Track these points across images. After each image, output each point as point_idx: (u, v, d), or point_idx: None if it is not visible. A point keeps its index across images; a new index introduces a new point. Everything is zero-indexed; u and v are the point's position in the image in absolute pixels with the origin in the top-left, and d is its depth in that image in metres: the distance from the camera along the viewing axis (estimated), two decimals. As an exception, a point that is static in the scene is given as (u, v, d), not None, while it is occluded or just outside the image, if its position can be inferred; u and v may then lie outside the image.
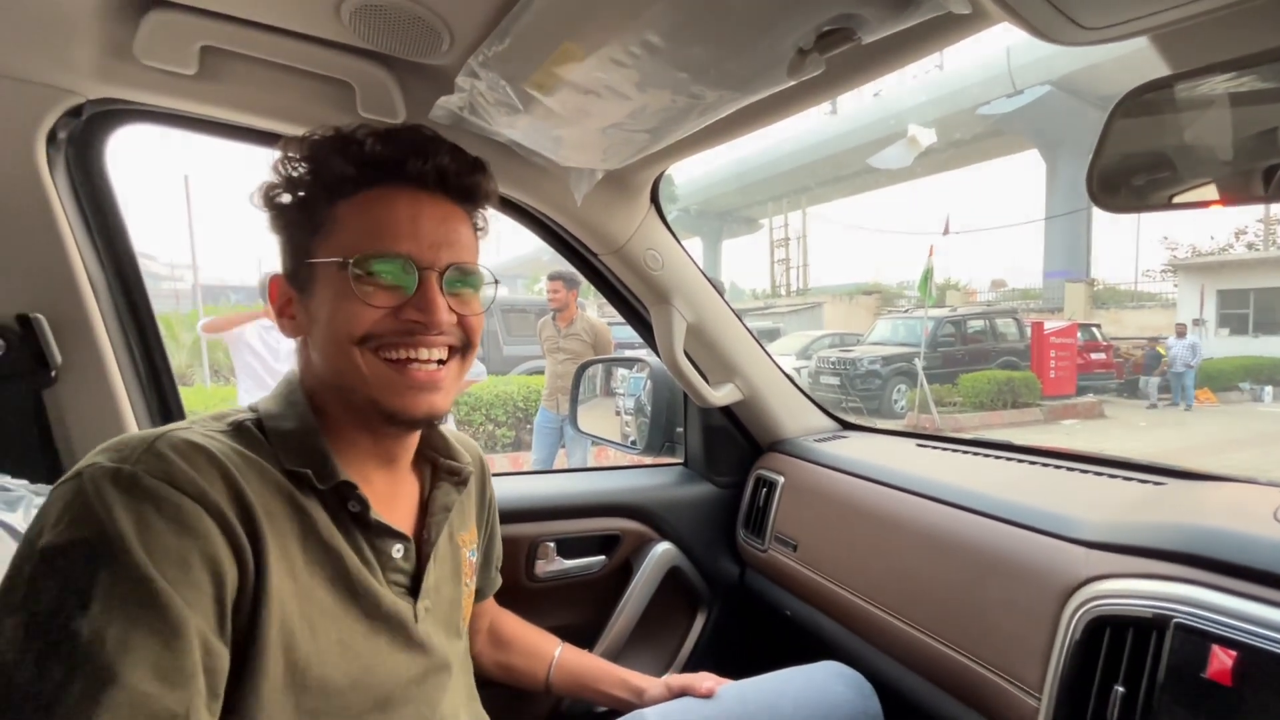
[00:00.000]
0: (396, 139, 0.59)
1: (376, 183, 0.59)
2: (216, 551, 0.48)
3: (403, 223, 0.58)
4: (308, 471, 0.56)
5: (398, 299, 0.58)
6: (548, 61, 0.69)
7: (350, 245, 0.57)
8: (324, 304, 0.58)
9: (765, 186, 23.42)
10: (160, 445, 0.50)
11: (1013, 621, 0.76)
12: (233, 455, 0.53)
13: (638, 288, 1.22)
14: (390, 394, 0.58)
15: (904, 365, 10.21)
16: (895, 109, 18.43)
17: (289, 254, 0.61)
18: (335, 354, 0.58)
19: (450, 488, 0.71)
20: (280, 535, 0.53)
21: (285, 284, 0.62)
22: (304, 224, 0.60)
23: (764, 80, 0.62)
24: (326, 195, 0.59)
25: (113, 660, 0.42)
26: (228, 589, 0.49)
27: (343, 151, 0.58)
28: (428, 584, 0.65)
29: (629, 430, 2.37)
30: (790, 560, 1.18)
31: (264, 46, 0.75)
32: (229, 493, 0.50)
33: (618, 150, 0.90)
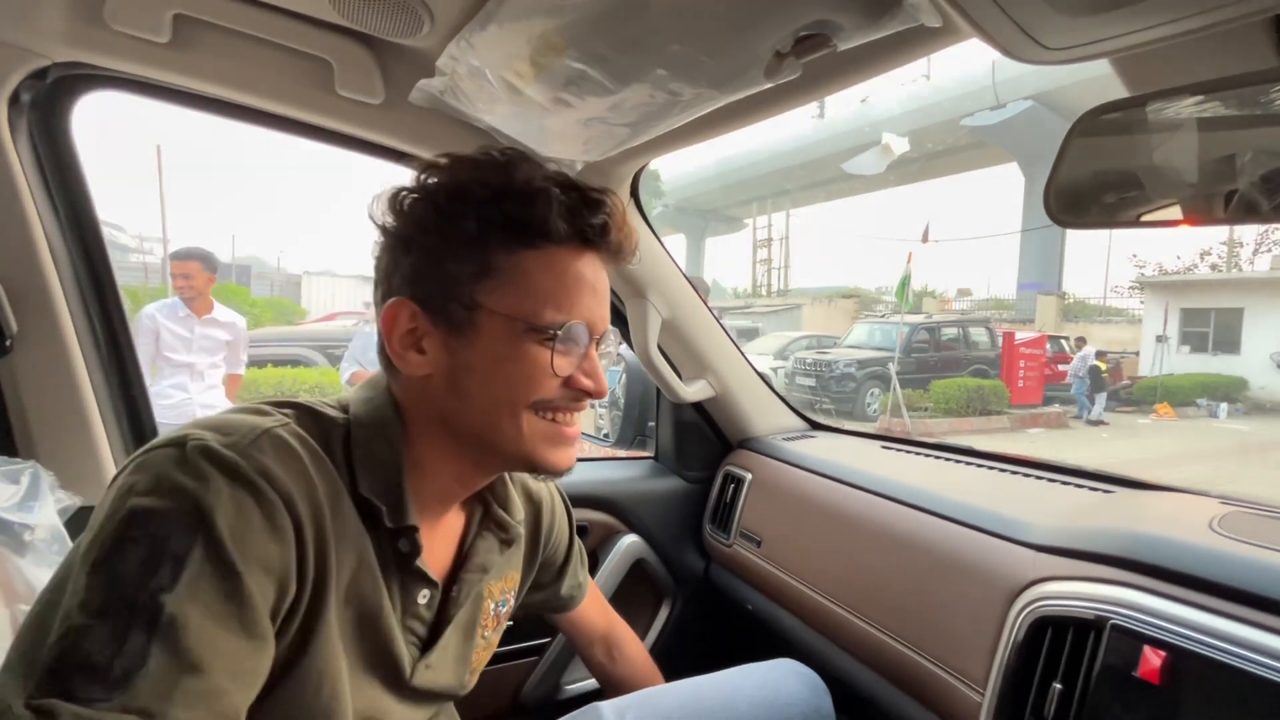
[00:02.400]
0: (602, 205, 0.57)
1: (569, 243, 0.56)
2: (289, 562, 0.47)
3: (587, 290, 0.56)
4: (381, 507, 0.54)
5: (574, 366, 0.57)
6: (529, 50, 0.69)
7: (536, 304, 0.54)
8: (489, 356, 0.54)
9: (751, 186, 23.54)
10: (264, 439, 0.48)
11: (962, 619, 0.79)
12: (318, 466, 0.51)
13: (614, 281, 1.22)
14: (547, 451, 0.57)
15: (878, 369, 10.37)
16: (881, 116, 18.66)
17: (436, 286, 0.54)
18: (498, 413, 0.55)
19: (494, 544, 0.67)
20: (341, 565, 0.52)
21: (419, 314, 0.55)
22: (468, 260, 0.54)
23: (741, 81, 0.63)
24: (510, 241, 0.54)
25: (195, 646, 0.41)
26: (285, 602, 0.47)
27: (564, 211, 0.54)
28: (440, 643, 0.62)
29: (602, 423, 2.38)
30: (754, 556, 1.20)
31: (240, 18, 0.74)
32: (310, 506, 0.49)
33: (598, 143, 0.91)
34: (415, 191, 0.55)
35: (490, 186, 0.54)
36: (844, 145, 19.30)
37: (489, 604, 0.69)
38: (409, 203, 0.55)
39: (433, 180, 0.55)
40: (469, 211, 0.53)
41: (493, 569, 0.67)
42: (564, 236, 0.55)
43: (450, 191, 0.54)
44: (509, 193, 0.54)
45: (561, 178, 0.56)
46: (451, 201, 0.54)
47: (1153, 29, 0.44)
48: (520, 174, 0.55)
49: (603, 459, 1.52)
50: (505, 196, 0.54)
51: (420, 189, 0.55)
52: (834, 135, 20.22)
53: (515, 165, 0.56)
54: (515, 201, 0.54)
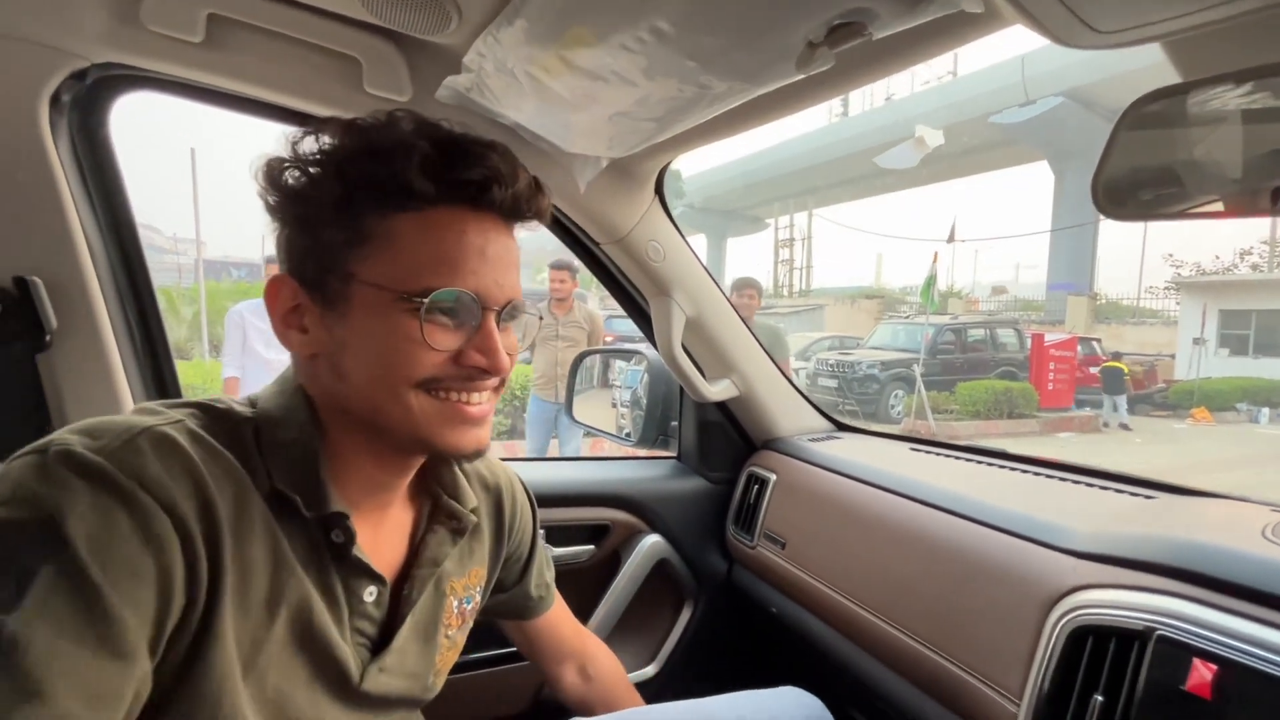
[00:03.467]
0: (480, 159, 0.51)
1: (448, 202, 0.51)
2: (172, 572, 0.43)
3: (472, 254, 0.51)
4: (296, 498, 0.51)
5: (460, 340, 0.52)
6: (556, 45, 0.68)
7: (410, 272, 0.50)
8: (365, 333, 0.50)
9: (773, 186, 23.36)
10: (141, 440, 0.44)
11: (997, 627, 0.76)
12: (216, 464, 0.47)
13: (638, 279, 1.22)
14: (443, 432, 0.53)
15: (903, 371, 10.21)
16: (907, 113, 18.37)
17: (312, 259, 0.51)
18: (381, 394, 0.51)
19: (446, 535, 0.63)
20: (244, 566, 0.47)
21: (299, 290, 0.52)
22: (340, 228, 0.50)
23: (772, 73, 0.61)
24: (381, 203, 0.50)
25: (38, 669, 0.37)
26: (172, 615, 0.43)
27: (425, 165, 0.50)
28: (395, 644, 0.58)
29: (624, 422, 2.37)
30: (778, 558, 1.18)
31: (272, 17, 0.75)
32: (199, 509, 0.45)
33: (624, 138, 0.90)
34: (288, 161, 0.51)
35: (353, 146, 0.50)
36: (869, 144, 19.05)
37: (451, 601, 0.65)
38: (282, 173, 0.51)
39: (302, 146, 0.51)
40: (333, 173, 0.50)
41: (447, 561, 0.63)
42: (435, 195, 0.50)
43: (317, 156, 0.51)
44: (369, 150, 0.50)
45: (440, 132, 0.52)
46: (318, 166, 0.51)
47: (1210, 9, 0.42)
48: (387, 131, 0.51)
49: (625, 458, 1.51)
50: (367, 155, 0.50)
51: (293, 157, 0.51)
52: (859, 134, 19.99)
53: (389, 123, 0.51)
54: (378, 160, 0.50)
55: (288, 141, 0.52)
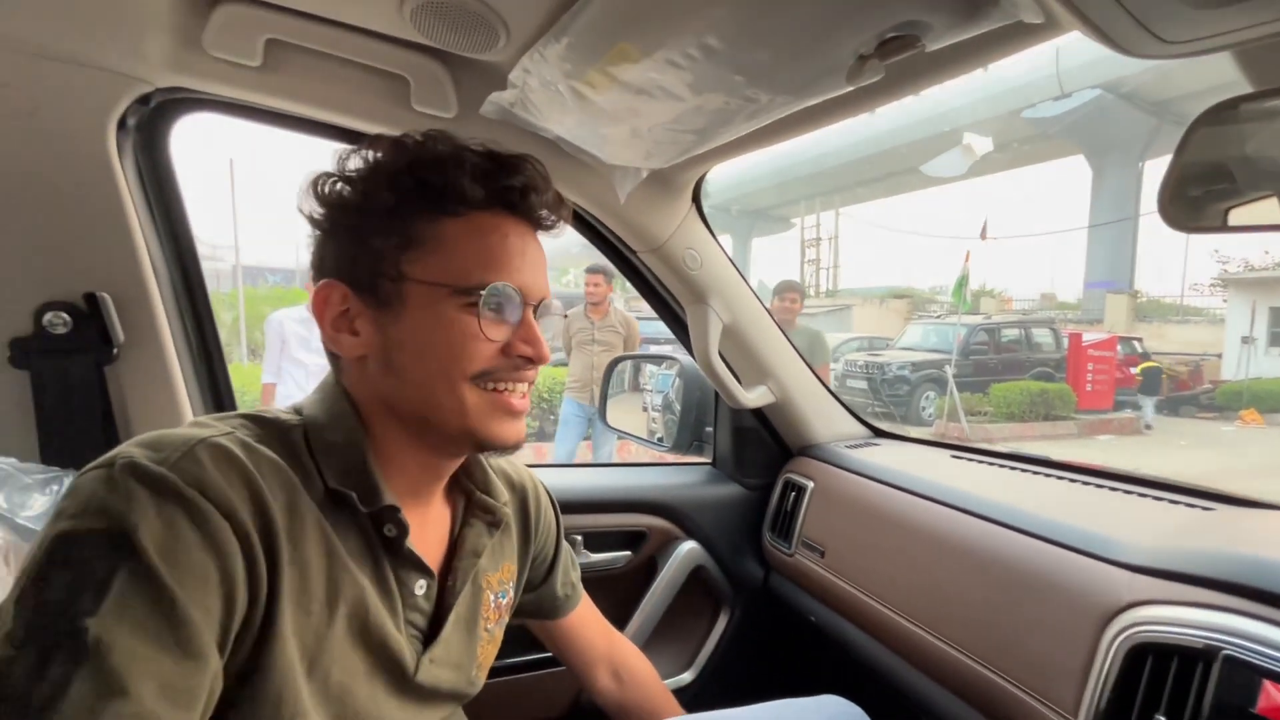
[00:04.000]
0: (521, 170, 0.57)
1: (492, 208, 0.56)
2: (235, 575, 0.45)
3: (515, 254, 0.56)
4: (352, 494, 0.53)
5: (508, 333, 0.56)
6: (602, 61, 0.69)
7: (462, 271, 0.54)
8: (420, 329, 0.54)
9: (799, 186, 23.14)
10: (200, 450, 0.47)
11: (1048, 642, 0.75)
12: (269, 470, 0.49)
13: (675, 286, 1.22)
14: (491, 424, 0.56)
15: (934, 372, 10.02)
16: (936, 111, 18.03)
17: (363, 264, 0.55)
18: (437, 387, 0.54)
19: (483, 529, 0.66)
20: (302, 566, 0.50)
21: (349, 294, 0.55)
22: (392, 234, 0.54)
23: (821, 85, 0.61)
24: (432, 209, 0.54)
25: (121, 668, 0.39)
26: (236, 617, 0.45)
27: (476, 174, 0.55)
28: (443, 635, 0.61)
29: (655, 427, 2.38)
30: (816, 566, 1.17)
31: (326, 40, 0.77)
32: (256, 514, 0.47)
33: (664, 150, 0.91)
34: (334, 176, 0.55)
35: (403, 158, 0.55)
36: (896, 142, 18.75)
37: (489, 595, 0.68)
38: (328, 187, 0.55)
39: (350, 162, 0.56)
40: (385, 184, 0.54)
41: (485, 553, 0.66)
42: (482, 200, 0.55)
43: (366, 169, 0.55)
44: (421, 161, 0.55)
45: (479, 145, 0.57)
46: (368, 178, 0.55)
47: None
48: (434, 146, 0.56)
49: (660, 464, 1.52)
50: (418, 165, 0.54)
51: (339, 173, 0.55)
52: (888, 132, 19.67)
53: (430, 138, 0.56)
54: (428, 169, 0.54)
55: (337, 158, 0.56)
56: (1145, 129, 15.85)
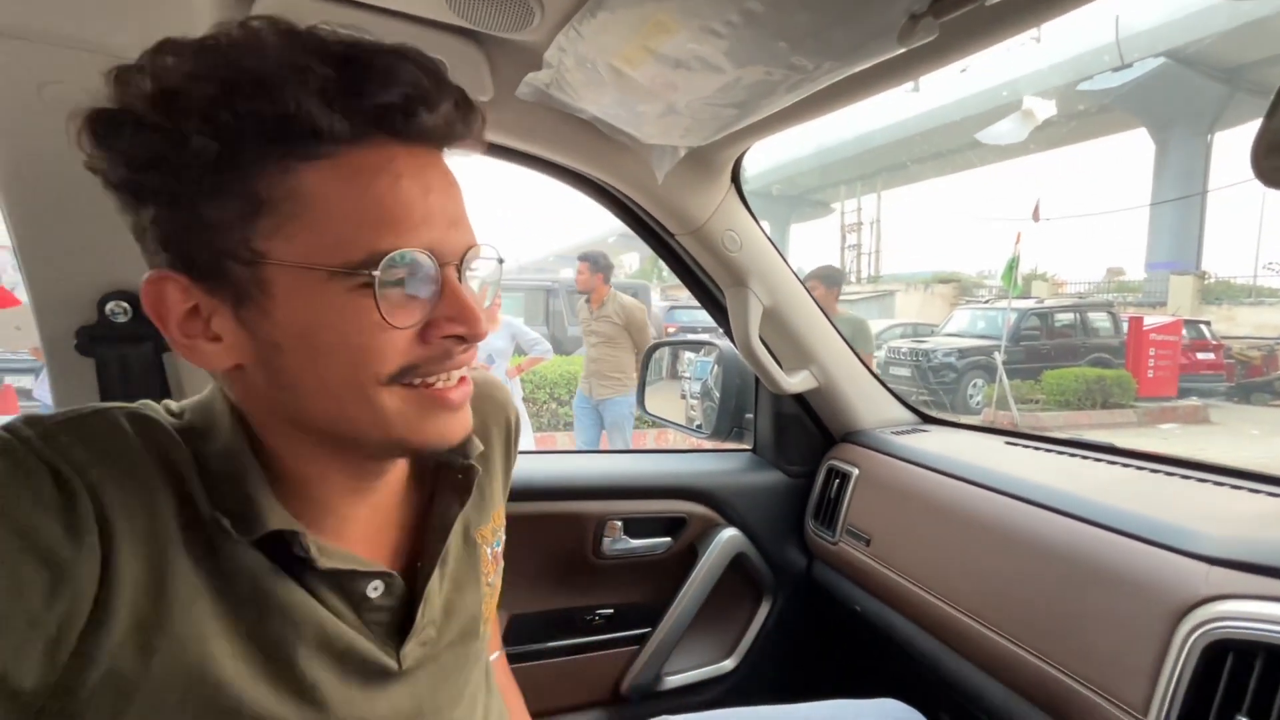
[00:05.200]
0: (395, 74, 0.39)
1: (366, 139, 0.39)
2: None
3: (415, 202, 0.40)
4: (222, 519, 0.42)
5: (425, 311, 0.42)
6: (639, 34, 0.67)
7: (342, 239, 0.39)
8: (303, 327, 0.40)
9: (839, 169, 22.56)
10: (74, 422, 0.40)
11: (1115, 637, 0.71)
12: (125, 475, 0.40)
13: (714, 269, 1.20)
14: (424, 427, 0.44)
15: (982, 359, 9.68)
16: (984, 86, 17.29)
17: (199, 243, 0.39)
18: (343, 396, 0.42)
19: (453, 498, 0.54)
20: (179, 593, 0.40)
21: (190, 287, 0.41)
22: (229, 196, 0.38)
23: (870, 49, 0.58)
24: (277, 154, 0.38)
25: None
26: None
27: (325, 92, 0.37)
28: (421, 622, 0.51)
29: (694, 414, 2.36)
30: (862, 555, 1.14)
31: (363, 25, 0.77)
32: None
33: (702, 126, 0.88)
34: (120, 113, 0.37)
35: (215, 81, 0.36)
36: (944, 120, 18.08)
37: (485, 550, 0.60)
38: (118, 129, 0.38)
39: (139, 90, 0.37)
40: (200, 124, 0.36)
41: (455, 521, 0.54)
42: (349, 131, 0.38)
43: (164, 99, 0.37)
44: (241, 84, 0.36)
45: (331, 46, 0.39)
46: (168, 114, 0.36)
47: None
48: (261, 53, 0.37)
49: (699, 451, 1.50)
50: (237, 90, 0.36)
51: (125, 108, 0.37)
52: (933, 110, 18.97)
53: (256, 41, 0.38)
54: (253, 95, 0.36)
55: (112, 82, 0.38)
56: (1215, 98, 14.86)
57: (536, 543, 1.20)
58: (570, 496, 1.22)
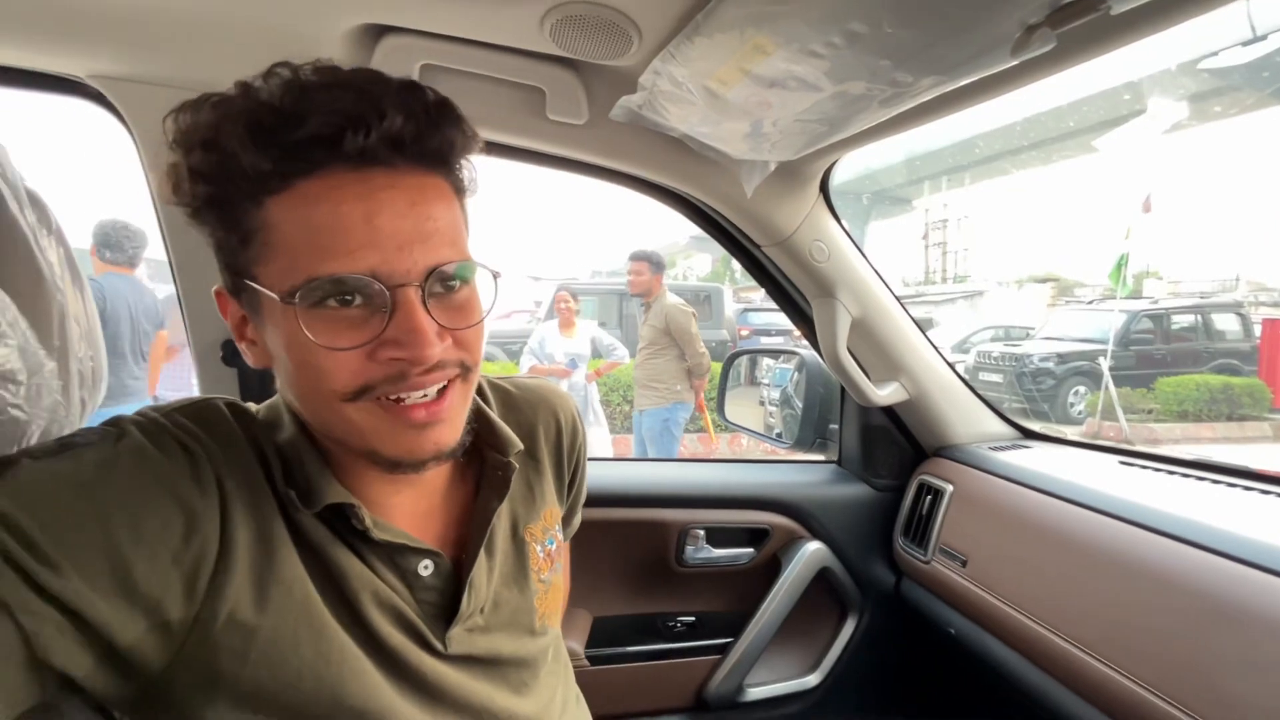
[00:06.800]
0: (321, 107, 0.42)
1: (310, 171, 0.43)
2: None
3: (355, 226, 0.42)
4: (291, 493, 0.48)
5: (370, 332, 0.44)
6: (734, 58, 0.68)
7: (292, 266, 0.43)
8: (279, 342, 0.46)
9: (929, 161, 21.52)
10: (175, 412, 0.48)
11: (1251, 683, 0.65)
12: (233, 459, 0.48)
13: (800, 280, 1.19)
14: (389, 442, 0.47)
15: (1084, 364, 8.95)
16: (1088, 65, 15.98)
17: (225, 268, 0.48)
18: (318, 408, 0.47)
19: (492, 493, 0.58)
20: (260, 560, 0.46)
21: (233, 302, 0.49)
22: (228, 229, 0.45)
23: (980, 62, 0.56)
24: (249, 193, 0.43)
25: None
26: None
27: (253, 136, 0.42)
28: (467, 608, 0.54)
29: (773, 422, 2.33)
30: (957, 575, 1.10)
31: (472, 60, 0.82)
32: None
33: (791, 141, 0.88)
34: (175, 165, 0.45)
35: (193, 138, 0.43)
36: (1043, 106, 16.87)
37: (534, 547, 0.62)
38: (173, 179, 0.45)
39: (178, 149, 0.44)
40: (190, 174, 0.44)
41: (496, 513, 0.57)
42: (279, 169, 0.42)
43: (175, 155, 0.44)
44: (204, 138, 0.43)
45: (273, 86, 0.43)
46: (179, 166, 0.44)
47: None
48: (237, 110, 0.42)
49: (782, 461, 1.49)
50: (201, 144, 0.43)
51: (180, 160, 0.45)
52: (1027, 95, 17.74)
53: (242, 89, 0.43)
54: (207, 145, 0.42)
55: (169, 136, 0.44)
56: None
57: (619, 548, 1.23)
58: (653, 504, 1.24)
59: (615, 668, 1.22)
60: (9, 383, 0.43)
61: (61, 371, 0.48)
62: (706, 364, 3.71)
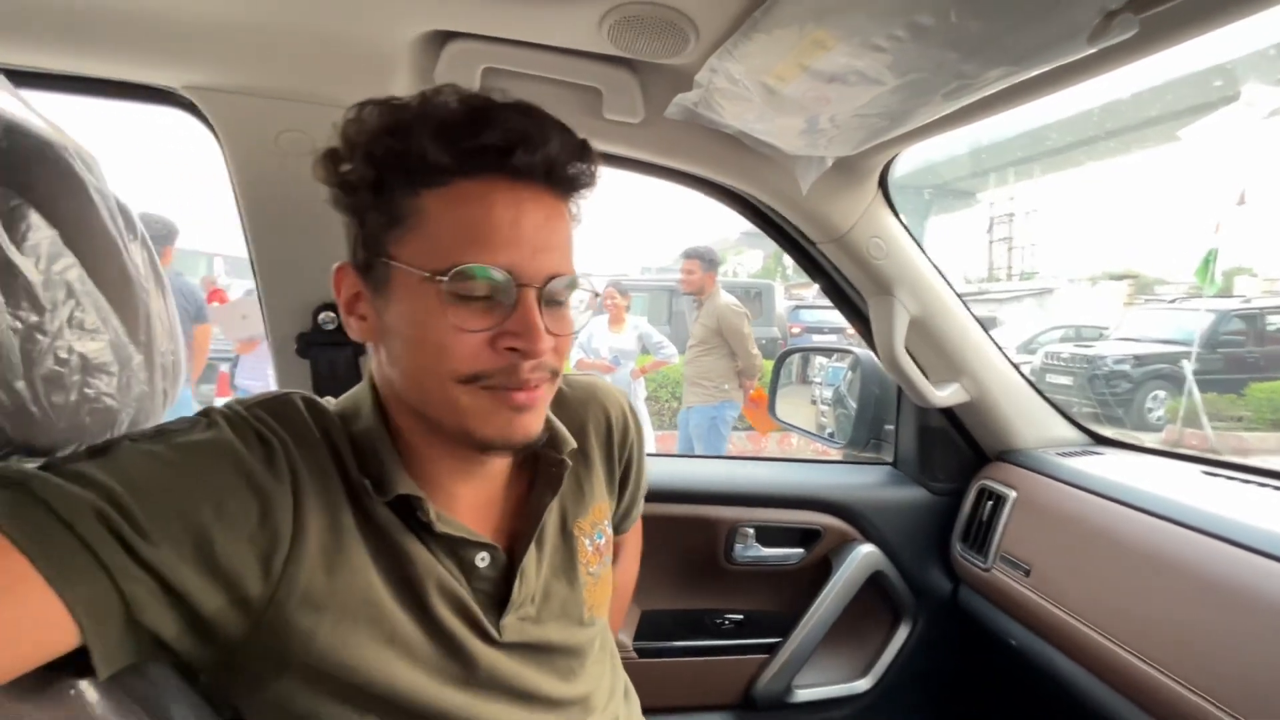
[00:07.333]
0: (502, 122, 0.48)
1: (474, 173, 0.49)
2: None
3: (503, 226, 0.48)
4: (366, 481, 0.52)
5: (494, 322, 0.49)
6: (793, 53, 0.68)
7: (440, 251, 0.48)
8: (404, 317, 0.50)
9: (990, 154, 20.55)
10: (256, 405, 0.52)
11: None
12: (308, 449, 0.51)
13: (857, 278, 1.16)
14: (486, 423, 0.51)
15: (1164, 367, 8.37)
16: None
17: (361, 245, 0.52)
18: (427, 385, 0.51)
19: (545, 488, 0.61)
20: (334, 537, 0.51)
21: (355, 276, 0.54)
22: (379, 211, 0.50)
23: (1055, 51, 0.54)
24: (411, 182, 0.49)
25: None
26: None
27: (439, 134, 0.48)
28: (518, 597, 0.58)
29: (825, 420, 2.29)
30: (1020, 585, 1.06)
31: (531, 62, 0.84)
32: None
33: (849, 136, 0.86)
34: (332, 151, 0.52)
35: (378, 126, 0.49)
36: (1121, 93, 15.84)
37: (583, 541, 0.65)
38: (329, 163, 0.52)
39: (344, 135, 0.51)
40: (363, 158, 0.50)
41: (547, 508, 0.61)
42: (455, 166, 0.48)
43: (348, 143, 0.51)
44: (389, 127, 0.49)
45: (463, 101, 0.49)
46: (350, 152, 0.50)
47: None
48: (410, 107, 0.49)
49: (834, 461, 1.46)
50: (387, 132, 0.49)
51: (335, 148, 0.52)
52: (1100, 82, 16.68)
53: (418, 100, 0.50)
54: (397, 136, 0.48)
55: (337, 131, 0.52)
56: None
57: (668, 543, 1.23)
58: (703, 500, 1.24)
59: (663, 661, 1.24)
60: (102, 373, 0.47)
61: (147, 364, 0.52)
62: (759, 365, 3.67)
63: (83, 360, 0.45)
